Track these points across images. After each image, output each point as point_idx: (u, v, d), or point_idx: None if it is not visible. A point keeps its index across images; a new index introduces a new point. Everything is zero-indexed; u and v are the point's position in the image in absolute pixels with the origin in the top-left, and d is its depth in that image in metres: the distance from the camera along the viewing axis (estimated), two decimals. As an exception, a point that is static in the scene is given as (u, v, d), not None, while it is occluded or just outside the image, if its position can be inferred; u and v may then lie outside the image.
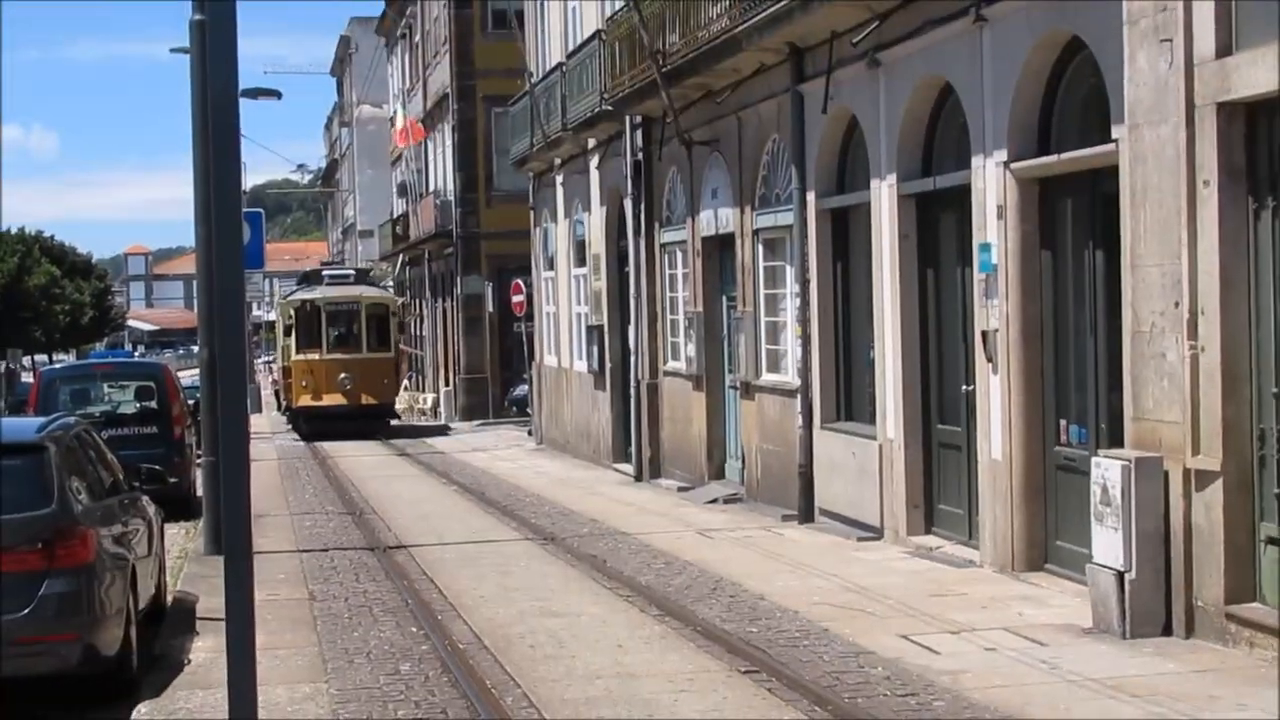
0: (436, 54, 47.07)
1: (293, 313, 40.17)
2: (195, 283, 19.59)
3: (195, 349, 25.56)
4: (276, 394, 59.92)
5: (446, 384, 46.45)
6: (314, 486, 25.15)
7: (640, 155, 24.06)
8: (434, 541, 17.32)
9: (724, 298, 21.33)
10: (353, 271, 45.75)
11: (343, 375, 38.26)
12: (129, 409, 22.65)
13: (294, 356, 39.63)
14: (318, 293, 40.45)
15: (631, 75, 22.12)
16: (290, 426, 41.16)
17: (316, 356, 38.88)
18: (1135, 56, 10.60)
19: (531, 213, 33.95)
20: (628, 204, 24.64)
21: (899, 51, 14.90)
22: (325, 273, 44.10)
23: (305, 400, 38.81)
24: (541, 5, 31.39)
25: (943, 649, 10.54)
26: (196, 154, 16.99)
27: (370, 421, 38.10)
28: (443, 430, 40.57)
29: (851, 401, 17.28)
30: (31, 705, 10.30)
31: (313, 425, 38.08)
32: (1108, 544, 10.63)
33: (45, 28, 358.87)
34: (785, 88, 17.77)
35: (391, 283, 56.48)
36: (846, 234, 17.22)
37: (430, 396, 49.27)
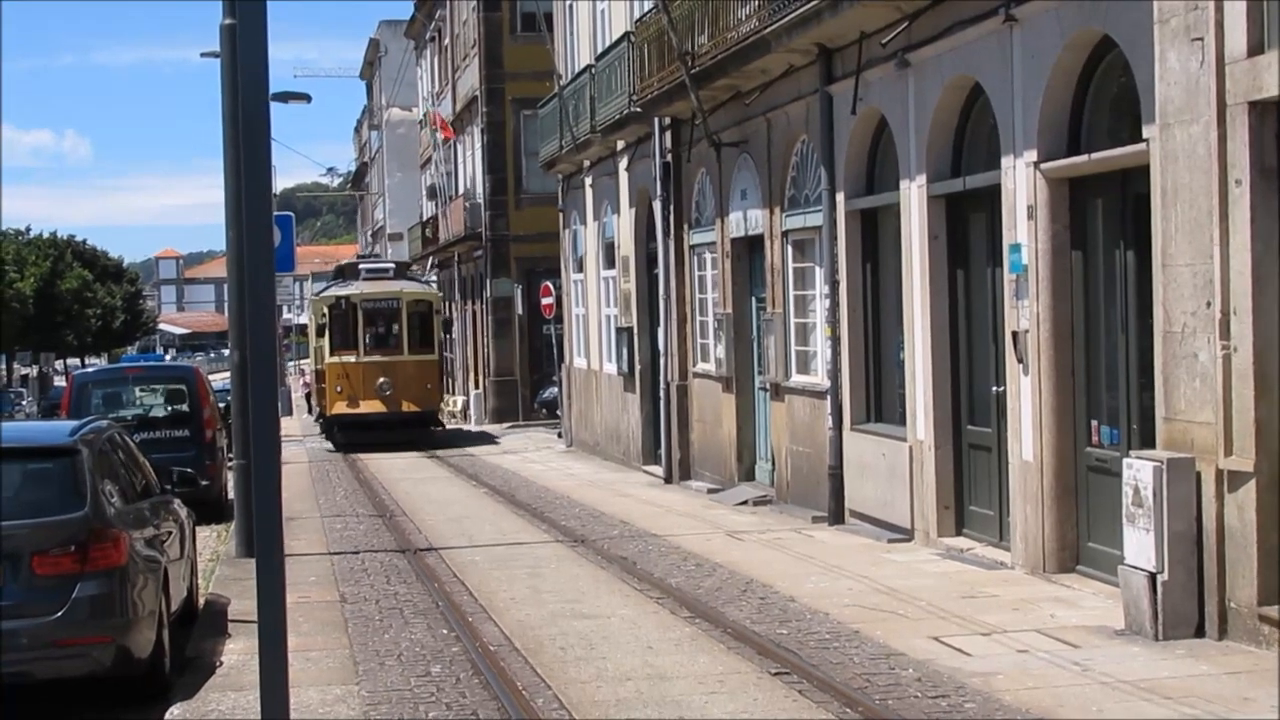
0: (465, 57, 47.15)
1: (326, 310, 36.26)
2: (226, 286, 19.67)
3: (226, 352, 25.57)
4: (307, 397, 59.38)
5: (476, 386, 46.50)
6: (344, 489, 25.21)
7: (669, 157, 24.06)
8: (464, 544, 17.35)
9: (753, 299, 21.31)
10: (392, 265, 40.97)
11: (382, 380, 34.84)
12: (160, 412, 22.77)
13: (328, 359, 35.76)
14: (354, 288, 36.50)
15: (660, 77, 22.12)
16: (324, 435, 37.85)
17: (353, 359, 35.21)
18: (1166, 55, 10.56)
19: (560, 215, 33.98)
20: (657, 206, 24.63)
21: (928, 52, 14.87)
22: (362, 266, 39.60)
23: (340, 408, 35.02)
24: (570, 8, 31.42)
25: (974, 651, 10.51)
26: (227, 158, 17.07)
27: (412, 430, 34.94)
28: (485, 438, 37.63)
29: (881, 403, 17.25)
30: (65, 708, 10.36)
31: (349, 435, 34.77)
32: (1140, 545, 10.58)
33: (80, 33, 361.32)
34: (814, 89, 17.75)
35: (436, 279, 54.98)
36: (876, 235, 17.19)
37: (460, 399, 49.31)
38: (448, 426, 40.15)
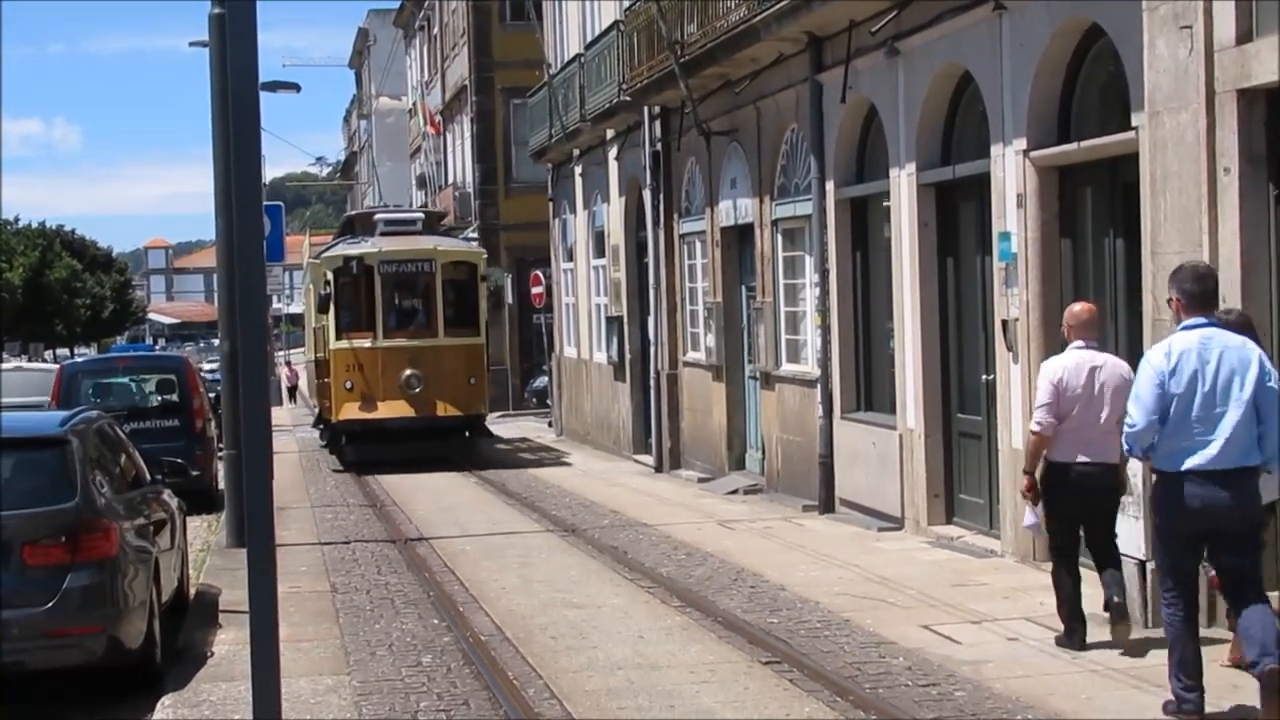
0: (455, 46, 47.08)
1: (331, 277, 26.14)
2: (215, 276, 19.65)
3: (216, 342, 25.27)
4: (291, 389, 58.27)
5: (467, 376, 46.35)
6: (335, 479, 25.16)
7: (659, 146, 24.05)
8: (455, 533, 17.35)
9: (743, 288, 21.31)
10: (420, 214, 29.79)
11: (409, 373, 25.39)
12: (150, 402, 22.76)
13: (333, 343, 26.07)
14: (369, 245, 26.49)
15: (650, 66, 22.11)
16: (326, 447, 29.05)
17: (368, 344, 25.65)
18: (1155, 43, 10.56)
19: (550, 204, 33.95)
20: (646, 194, 24.63)
21: (917, 40, 14.87)
22: (379, 217, 28.46)
23: (351, 411, 25.63)
24: (559, -4, 31.39)
25: (964, 639, 10.54)
26: (216, 147, 17.03)
27: (450, 441, 26.13)
28: (548, 455, 28.58)
29: (872, 391, 17.26)
30: (56, 698, 10.35)
31: (363, 449, 25.75)
32: (1129, 533, 10.59)
33: (70, 22, 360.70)
34: (804, 77, 17.75)
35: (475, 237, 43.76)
36: (866, 223, 17.19)
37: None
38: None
